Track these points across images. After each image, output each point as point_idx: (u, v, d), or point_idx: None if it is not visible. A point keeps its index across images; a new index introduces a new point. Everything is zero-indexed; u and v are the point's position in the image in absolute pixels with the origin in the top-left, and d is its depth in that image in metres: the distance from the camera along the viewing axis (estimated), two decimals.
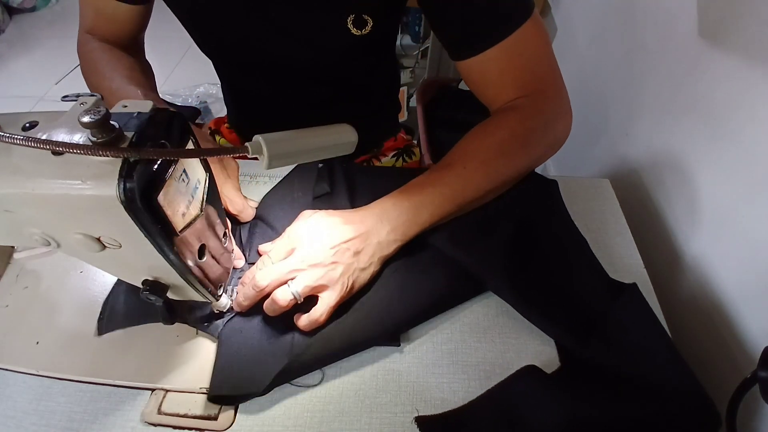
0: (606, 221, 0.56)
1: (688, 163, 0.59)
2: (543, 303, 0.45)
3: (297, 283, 0.41)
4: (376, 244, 0.45)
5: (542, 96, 0.51)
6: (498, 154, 0.49)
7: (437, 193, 0.47)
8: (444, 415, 0.40)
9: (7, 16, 2.41)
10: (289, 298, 0.41)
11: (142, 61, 0.64)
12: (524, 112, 0.50)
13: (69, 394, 0.41)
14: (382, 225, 0.45)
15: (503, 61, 0.49)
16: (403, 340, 0.44)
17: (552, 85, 0.52)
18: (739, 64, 0.52)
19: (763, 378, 0.35)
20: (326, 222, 0.45)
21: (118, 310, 0.45)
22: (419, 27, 1.77)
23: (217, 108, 1.86)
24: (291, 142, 0.35)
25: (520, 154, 0.50)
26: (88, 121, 0.26)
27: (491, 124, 0.51)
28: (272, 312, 0.43)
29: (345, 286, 0.42)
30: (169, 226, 0.31)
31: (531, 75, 0.51)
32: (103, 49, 0.59)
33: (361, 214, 0.46)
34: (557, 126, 0.52)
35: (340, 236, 0.43)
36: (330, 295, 0.42)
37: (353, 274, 0.43)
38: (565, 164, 1.09)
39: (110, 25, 0.61)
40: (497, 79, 0.51)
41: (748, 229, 0.49)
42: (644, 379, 0.40)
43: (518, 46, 0.48)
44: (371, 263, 0.45)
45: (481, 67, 0.50)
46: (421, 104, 1.36)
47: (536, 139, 0.51)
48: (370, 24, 0.53)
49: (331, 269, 0.42)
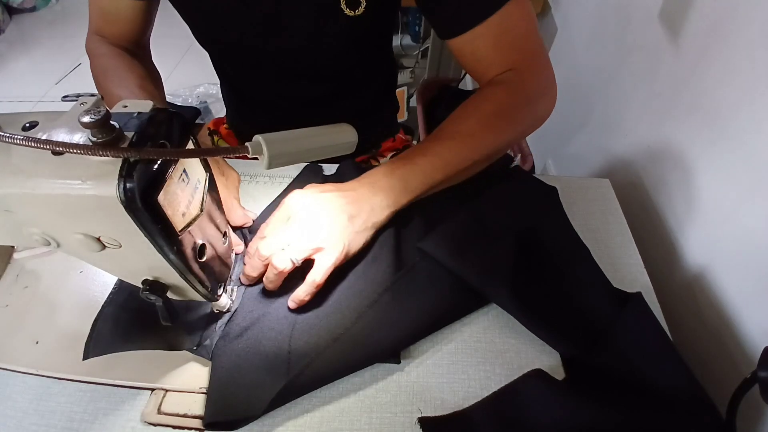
0: (606, 221, 0.56)
1: (688, 163, 0.59)
2: (549, 318, 0.44)
3: (294, 247, 0.43)
4: (369, 209, 0.47)
5: (528, 71, 0.53)
6: (485, 127, 0.51)
7: (427, 162, 0.49)
8: (448, 417, 0.39)
9: (7, 16, 2.41)
10: (288, 263, 0.43)
11: (152, 69, 0.65)
12: (511, 86, 0.52)
13: (69, 394, 0.41)
14: (374, 192, 0.47)
15: (492, 37, 0.51)
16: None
17: (538, 60, 0.54)
18: (739, 64, 0.51)
19: (763, 378, 0.35)
20: (320, 190, 0.47)
21: (106, 334, 0.43)
22: (419, 27, 1.78)
23: (217, 108, 1.86)
24: (291, 142, 0.35)
25: (506, 126, 0.52)
26: (88, 121, 0.26)
27: (479, 97, 0.53)
28: (273, 281, 0.44)
29: (341, 248, 0.44)
30: (169, 226, 0.31)
31: (518, 51, 0.52)
32: (114, 55, 0.60)
33: (353, 183, 0.49)
34: (542, 100, 0.54)
35: (335, 202, 0.46)
36: (327, 257, 0.43)
37: (348, 237, 0.45)
38: (565, 164, 1.09)
39: (116, 25, 0.61)
40: (486, 54, 0.53)
41: (749, 229, 0.49)
42: (649, 388, 0.40)
43: (506, 22, 0.50)
44: (365, 228, 0.46)
45: (471, 44, 0.52)
46: (421, 104, 1.36)
47: (522, 113, 0.53)
48: (363, 4, 0.54)
49: (327, 232, 0.44)
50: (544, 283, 0.47)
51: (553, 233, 0.52)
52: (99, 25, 0.62)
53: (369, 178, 0.49)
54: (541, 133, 0.61)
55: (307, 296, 0.43)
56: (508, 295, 0.44)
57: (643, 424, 0.37)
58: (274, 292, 0.45)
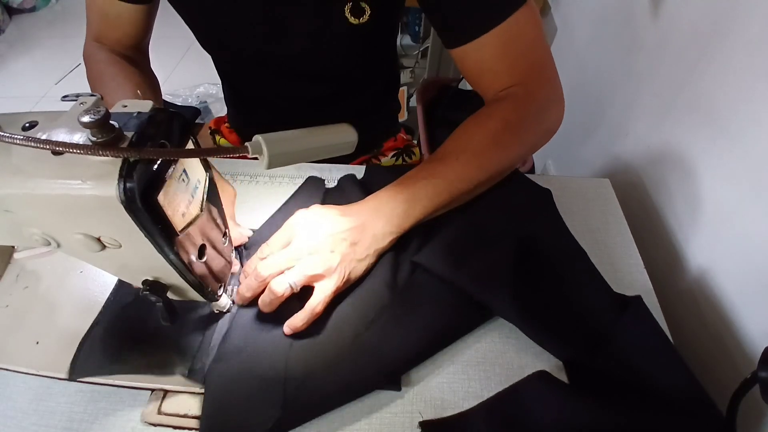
0: (606, 221, 0.56)
1: (688, 162, 0.59)
2: (550, 325, 0.43)
3: (294, 272, 0.42)
4: (371, 236, 0.45)
5: (536, 83, 0.51)
6: (491, 144, 0.49)
7: (431, 185, 0.47)
8: (450, 419, 0.39)
9: (7, 16, 2.41)
10: (286, 288, 0.42)
11: (150, 76, 0.64)
12: (518, 100, 0.50)
13: (69, 394, 0.41)
14: (378, 218, 0.46)
15: (498, 47, 0.49)
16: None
17: (545, 71, 0.52)
18: (739, 64, 0.51)
19: (763, 378, 0.35)
20: (323, 213, 0.46)
21: (94, 355, 0.41)
22: (419, 27, 1.78)
23: (217, 108, 1.86)
24: (291, 142, 0.35)
25: (514, 143, 0.50)
26: (88, 121, 0.26)
27: (484, 114, 0.51)
28: (269, 304, 0.43)
29: (341, 276, 0.43)
30: (169, 226, 0.31)
31: (525, 61, 0.51)
32: (112, 62, 0.59)
33: (356, 207, 0.47)
34: (550, 113, 0.53)
35: (337, 227, 0.44)
36: (327, 285, 0.42)
37: (350, 265, 0.44)
38: (565, 164, 1.09)
39: (116, 29, 0.61)
40: (492, 66, 0.51)
41: (749, 229, 0.49)
42: (651, 390, 0.40)
43: (513, 32, 0.48)
44: (367, 255, 0.45)
45: (476, 54, 0.50)
46: (421, 104, 1.37)
47: (529, 127, 0.51)
48: (367, 12, 0.53)
49: (328, 259, 0.43)
50: (543, 290, 0.46)
51: (549, 238, 0.51)
52: (99, 30, 0.61)
53: (372, 202, 0.47)
54: None
55: (303, 324, 0.42)
56: (509, 304, 0.43)
57: (644, 424, 0.37)
58: (268, 316, 0.43)
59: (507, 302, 0.43)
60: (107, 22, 0.60)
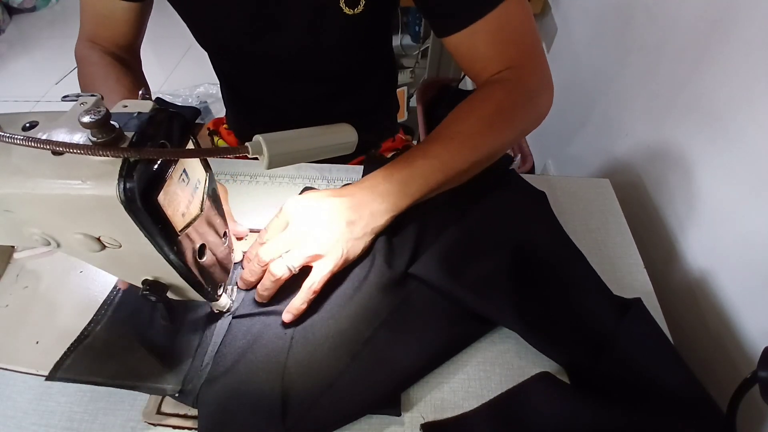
0: (606, 221, 0.56)
1: (688, 162, 0.59)
2: (553, 333, 0.43)
3: (292, 255, 0.43)
4: (368, 215, 0.46)
5: (527, 69, 0.52)
6: (484, 127, 0.50)
7: (426, 165, 0.48)
8: (451, 421, 0.39)
9: (7, 16, 2.41)
10: (284, 271, 0.42)
11: (141, 80, 0.64)
12: (510, 85, 0.51)
13: (69, 394, 0.41)
14: (374, 197, 0.47)
15: (489, 34, 0.50)
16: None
17: (536, 57, 0.53)
18: (739, 64, 0.51)
19: (763, 378, 0.35)
20: (317, 196, 0.47)
21: (83, 362, 0.40)
22: (419, 27, 1.78)
23: (217, 108, 1.86)
24: (291, 142, 0.35)
25: (506, 127, 0.51)
26: (88, 121, 0.26)
27: (478, 97, 0.52)
28: (269, 288, 0.43)
29: (339, 255, 0.43)
30: (169, 226, 0.31)
31: (516, 48, 0.52)
32: (104, 64, 0.59)
33: (351, 188, 0.48)
34: (541, 99, 0.54)
35: (333, 208, 0.45)
36: (325, 264, 0.43)
37: (347, 244, 0.44)
38: (565, 164, 1.09)
39: (109, 29, 0.61)
40: (484, 52, 0.52)
41: (748, 229, 0.49)
42: (652, 390, 0.40)
43: (503, 20, 0.49)
44: (364, 233, 0.46)
45: (468, 42, 0.51)
46: (421, 104, 1.37)
47: (521, 112, 0.52)
48: (362, 2, 0.54)
49: (325, 239, 0.43)
50: (542, 298, 0.46)
51: (546, 243, 0.51)
52: (92, 29, 0.61)
53: (368, 182, 0.48)
54: (541, 133, 0.61)
55: (304, 304, 0.42)
56: (510, 314, 0.43)
57: (646, 424, 0.37)
58: (263, 330, 0.43)
59: (508, 312, 0.43)
60: (100, 20, 0.60)
